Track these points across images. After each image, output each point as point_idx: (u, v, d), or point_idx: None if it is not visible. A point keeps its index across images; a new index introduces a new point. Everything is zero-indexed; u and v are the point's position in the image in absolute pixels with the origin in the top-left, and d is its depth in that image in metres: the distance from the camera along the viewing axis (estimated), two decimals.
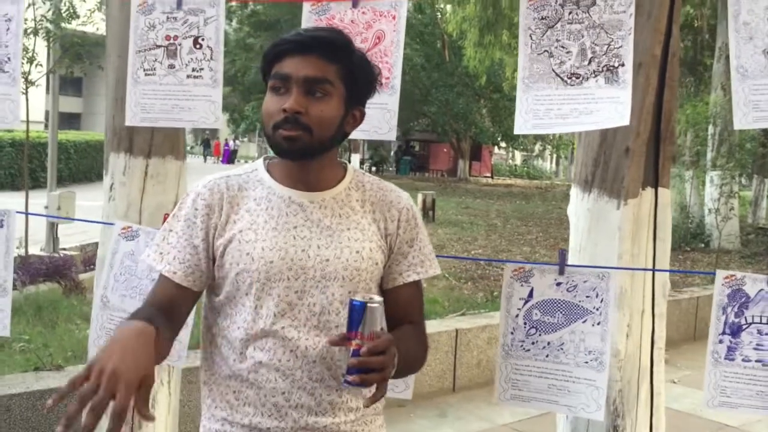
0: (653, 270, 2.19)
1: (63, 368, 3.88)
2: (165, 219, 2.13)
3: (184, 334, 2.05)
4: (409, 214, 1.61)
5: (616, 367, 2.22)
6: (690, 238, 12.40)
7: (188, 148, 45.01)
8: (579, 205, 2.35)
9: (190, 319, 2.07)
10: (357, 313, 1.32)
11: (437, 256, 1.66)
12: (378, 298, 1.36)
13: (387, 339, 1.34)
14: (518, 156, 54.03)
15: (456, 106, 29.83)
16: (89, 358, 2.55)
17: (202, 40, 2.05)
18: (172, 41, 2.06)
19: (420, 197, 14.99)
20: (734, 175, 11.78)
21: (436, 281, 8.04)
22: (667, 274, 2.37)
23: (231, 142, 43.21)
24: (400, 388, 2.02)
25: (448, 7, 17.95)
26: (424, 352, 1.62)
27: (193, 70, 2.06)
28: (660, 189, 2.28)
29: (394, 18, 1.98)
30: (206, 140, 43.85)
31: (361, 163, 33.03)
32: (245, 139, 47.73)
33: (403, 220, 1.59)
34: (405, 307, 1.58)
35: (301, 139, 1.46)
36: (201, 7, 2.04)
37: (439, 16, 29.17)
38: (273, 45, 1.51)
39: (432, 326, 5.32)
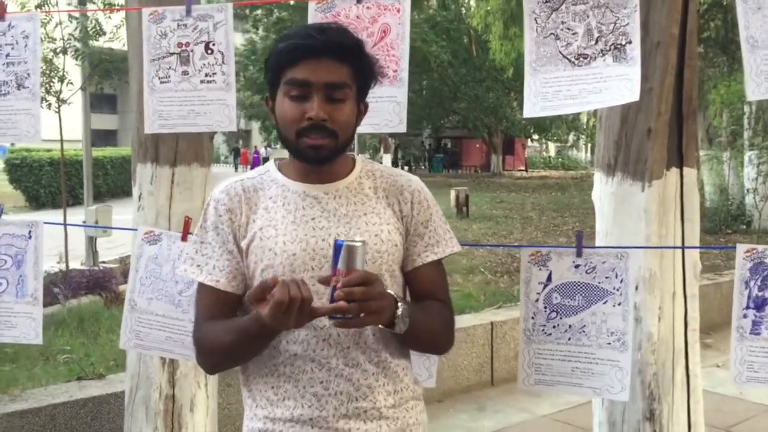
0: (674, 247, 2.17)
1: (104, 377, 3.96)
2: (186, 224, 2.20)
3: None
4: (421, 196, 1.64)
5: (649, 351, 2.20)
6: (731, 220, 12.15)
7: (223, 158, 45.18)
8: (603, 190, 2.34)
9: None
10: (336, 252, 1.36)
11: (463, 244, 1.67)
12: (359, 238, 1.42)
13: (364, 273, 1.36)
14: (552, 147, 53.51)
15: (486, 101, 29.71)
16: (128, 363, 2.63)
17: (213, 45, 2.09)
18: (184, 48, 2.11)
19: (453, 194, 14.96)
20: None
21: (472, 276, 8.02)
22: (698, 255, 2.34)
23: (262, 150, 43.35)
24: (423, 377, 2.03)
25: (472, 1, 17.88)
26: (447, 330, 1.62)
27: (206, 75, 2.11)
28: (685, 169, 2.26)
29: (398, 11, 1.99)
30: (236, 149, 44.21)
31: (394, 163, 33.06)
32: (278, 146, 48.15)
33: (416, 202, 1.62)
34: (428, 286, 1.61)
35: (327, 146, 1.49)
36: (209, 13, 2.08)
37: (464, 11, 29.08)
38: (284, 49, 1.50)
39: (467, 320, 5.31)
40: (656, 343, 2.20)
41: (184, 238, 2.14)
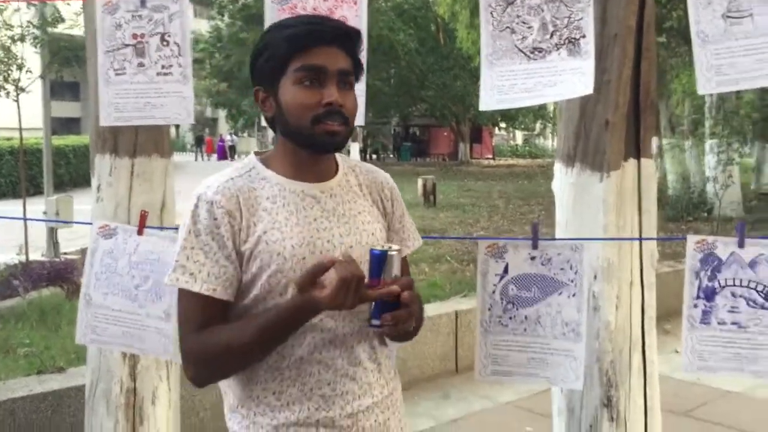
0: (629, 239, 2.21)
1: (65, 370, 3.92)
2: (143, 217, 2.17)
3: (168, 327, 2.07)
4: (396, 192, 1.67)
5: (607, 339, 2.24)
6: (692, 208, 12.38)
7: (189, 146, 43.75)
8: (563, 180, 2.37)
9: (173, 311, 2.09)
10: (378, 261, 1.39)
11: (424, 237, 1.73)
12: (395, 246, 1.44)
13: (408, 279, 1.43)
14: (519, 136, 53.87)
15: (453, 89, 29.75)
16: (88, 356, 2.60)
17: (169, 36, 2.06)
18: (139, 40, 2.07)
19: (420, 182, 14.99)
20: (731, 142, 11.73)
21: (438, 265, 8.07)
22: (655, 244, 2.39)
23: (227, 137, 41.82)
24: None
25: None
26: (421, 323, 1.66)
27: (163, 67, 2.08)
28: (643, 160, 2.29)
29: (355, 3, 1.99)
30: (200, 137, 41.43)
31: (362, 151, 33.01)
32: (244, 134, 47.54)
33: (394, 198, 1.66)
34: None
35: (342, 133, 1.48)
36: (164, 4, 2.05)
37: None
38: (294, 36, 1.47)
39: (432, 309, 5.35)
40: (613, 332, 2.24)
41: (140, 232, 2.12)
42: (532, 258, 1.91)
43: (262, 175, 1.54)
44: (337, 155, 1.62)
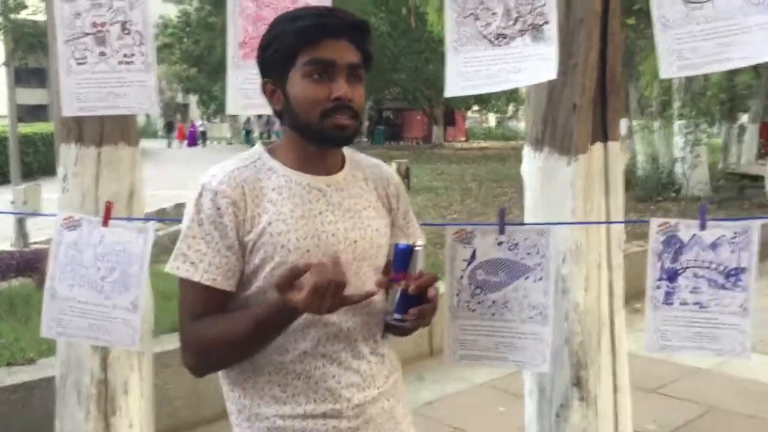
0: (594, 223, 2.24)
1: (35, 361, 3.88)
2: (108, 208, 2.15)
3: (135, 318, 2.06)
4: (401, 187, 1.67)
5: (576, 320, 2.27)
6: (661, 188, 12.54)
7: (160, 133, 42.80)
8: (531, 164, 2.39)
9: (144, 302, 2.09)
10: (403, 255, 1.42)
11: None
12: (420, 242, 1.47)
13: (433, 275, 1.45)
14: (492, 118, 54.03)
15: (425, 72, 29.73)
16: (57, 347, 2.58)
17: (130, 25, 2.03)
18: (100, 28, 2.04)
19: (394, 166, 14.99)
20: (698, 123, 11.88)
21: None
22: (622, 227, 2.42)
23: (198, 123, 40.57)
24: None
25: None
26: None
27: (125, 56, 2.05)
28: (610, 143, 2.32)
29: None
30: (169, 123, 39.49)
31: None
32: (216, 120, 47.04)
33: (399, 194, 1.65)
34: None
35: (351, 127, 1.47)
36: None
37: None
38: (302, 29, 1.44)
39: None
40: (582, 313, 2.27)
41: (105, 224, 2.09)
42: (500, 243, 1.92)
43: (268, 166, 1.52)
44: (344, 149, 1.60)
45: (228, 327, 1.43)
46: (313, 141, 1.49)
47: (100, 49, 2.06)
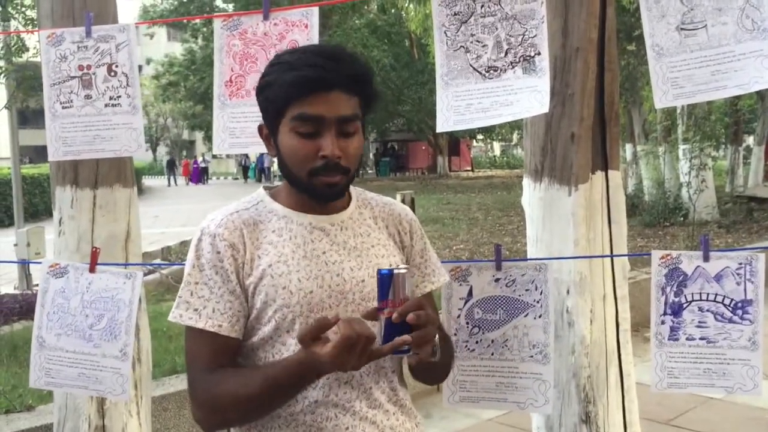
0: (594, 257, 2.18)
1: (34, 408, 3.82)
2: (94, 254, 2.11)
3: (125, 367, 2.01)
4: (416, 225, 1.60)
5: (583, 354, 2.21)
6: (668, 213, 12.45)
7: (167, 170, 42.96)
8: (531, 195, 2.35)
9: (130, 350, 2.03)
10: (384, 281, 1.29)
11: None
12: (404, 265, 1.37)
13: (417, 300, 1.30)
14: (497, 147, 54.18)
15: (429, 103, 29.82)
16: (55, 394, 2.53)
17: (116, 66, 2.01)
18: (85, 71, 2.02)
19: (399, 197, 14.96)
20: (702, 147, 11.83)
21: None
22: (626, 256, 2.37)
23: (200, 159, 39.84)
24: None
25: (411, 5, 17.99)
26: (452, 358, 1.60)
27: (111, 98, 2.03)
28: (610, 172, 2.28)
29: (306, 27, 1.95)
30: (170, 161, 38.32)
31: None
32: (222, 156, 47.28)
33: (413, 231, 1.59)
34: None
35: (341, 183, 1.42)
36: (111, 34, 2.01)
37: (404, 15, 29.23)
38: (292, 82, 1.38)
39: None
40: (589, 346, 2.21)
41: (92, 270, 2.05)
42: (497, 280, 1.87)
43: (269, 208, 1.48)
44: (351, 187, 1.54)
45: (241, 385, 1.35)
46: (304, 194, 1.45)
47: (86, 92, 2.04)
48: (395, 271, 1.29)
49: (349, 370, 1.25)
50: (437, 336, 1.36)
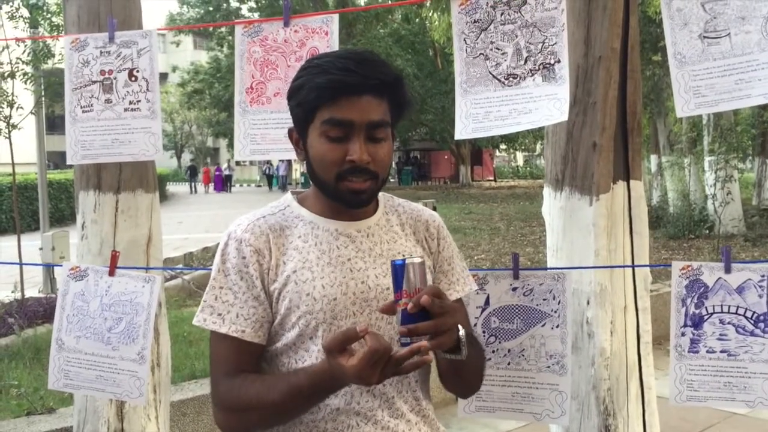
0: (612, 267, 2.15)
1: (55, 411, 3.85)
2: (114, 258, 2.12)
3: (143, 370, 2.02)
4: (444, 231, 1.59)
5: (603, 366, 2.18)
6: (693, 225, 12.30)
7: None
8: (552, 204, 2.33)
9: (147, 353, 2.04)
10: (398, 272, 1.26)
11: None
12: (417, 255, 1.36)
13: (433, 288, 1.27)
14: (520, 157, 53.95)
15: (452, 113, 29.65)
16: (75, 396, 2.55)
17: (137, 71, 2.03)
18: (107, 76, 2.04)
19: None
20: (728, 159, 11.67)
21: None
22: (648, 267, 2.33)
23: (224, 167, 39.27)
24: None
25: (435, 15, 18.01)
26: (483, 362, 1.57)
27: (130, 102, 2.05)
28: (632, 182, 2.26)
29: (326, 34, 1.96)
30: (192, 167, 38.08)
31: None
32: (246, 163, 47.55)
33: (441, 238, 1.58)
34: None
35: (368, 189, 1.41)
36: (133, 39, 2.03)
37: (428, 24, 29.27)
38: (322, 85, 1.37)
39: None
40: (609, 358, 2.18)
41: (111, 273, 2.07)
42: (514, 289, 1.85)
43: (296, 214, 1.48)
44: (381, 193, 1.53)
45: (264, 391, 1.35)
46: (331, 199, 1.45)
47: (107, 96, 2.06)
48: (408, 261, 1.26)
49: (371, 384, 1.23)
50: (462, 332, 1.33)
